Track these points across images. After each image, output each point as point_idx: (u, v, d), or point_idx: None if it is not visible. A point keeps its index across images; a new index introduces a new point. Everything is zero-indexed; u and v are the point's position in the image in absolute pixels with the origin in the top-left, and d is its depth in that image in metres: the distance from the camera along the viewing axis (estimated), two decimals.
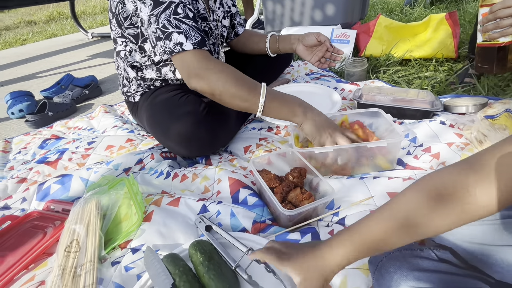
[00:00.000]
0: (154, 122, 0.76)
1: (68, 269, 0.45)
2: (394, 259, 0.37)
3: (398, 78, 1.11)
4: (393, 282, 0.35)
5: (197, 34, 0.66)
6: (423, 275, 0.34)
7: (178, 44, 0.65)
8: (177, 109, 0.71)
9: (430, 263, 0.36)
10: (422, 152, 0.67)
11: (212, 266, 0.43)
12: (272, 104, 0.66)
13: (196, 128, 0.69)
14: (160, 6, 0.64)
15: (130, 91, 0.87)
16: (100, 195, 0.61)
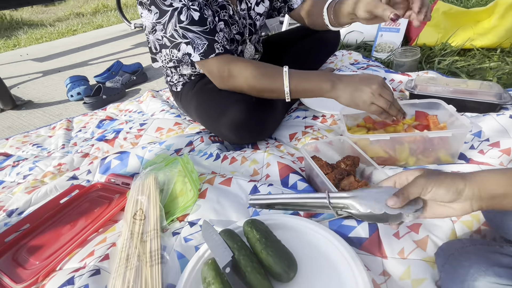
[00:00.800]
0: (204, 110, 0.78)
1: (136, 234, 0.49)
2: (469, 253, 0.36)
3: (456, 68, 1.02)
4: (469, 276, 0.33)
5: (204, 41, 0.64)
6: (504, 271, 0.32)
7: (187, 55, 0.66)
8: (228, 98, 0.72)
9: (511, 260, 0.33)
10: (489, 147, 0.62)
11: (269, 243, 0.44)
12: (298, 88, 0.65)
13: (247, 116, 0.69)
14: (166, 14, 0.63)
15: (172, 81, 0.89)
16: (157, 171, 0.65)
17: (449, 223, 0.46)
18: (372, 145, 0.65)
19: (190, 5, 0.64)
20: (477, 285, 0.32)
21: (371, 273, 0.42)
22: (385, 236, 0.45)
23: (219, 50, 0.66)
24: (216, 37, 0.67)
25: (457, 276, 0.34)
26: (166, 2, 0.62)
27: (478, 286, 0.32)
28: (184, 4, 0.63)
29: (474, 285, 0.32)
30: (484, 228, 0.45)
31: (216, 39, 0.66)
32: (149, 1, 0.63)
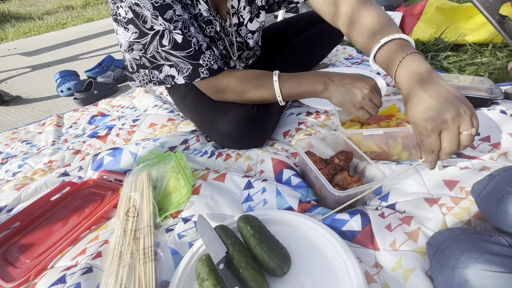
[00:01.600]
0: (200, 115, 0.76)
1: (129, 231, 0.49)
2: (460, 241, 0.36)
3: (449, 64, 1.03)
4: (460, 263, 0.33)
5: (188, 65, 0.62)
6: (495, 259, 0.32)
7: (170, 77, 0.64)
8: (228, 111, 0.69)
9: (501, 249, 0.34)
10: (479, 141, 0.63)
11: (263, 238, 0.44)
12: (290, 93, 0.64)
13: (250, 128, 0.68)
14: (146, 36, 0.58)
15: None
16: (150, 167, 0.65)
17: (440, 216, 0.46)
18: (366, 140, 0.65)
19: (172, 28, 0.58)
20: (468, 273, 0.33)
21: (364, 265, 0.43)
22: (377, 229, 0.46)
23: (204, 74, 0.63)
24: (201, 59, 0.62)
25: (448, 264, 0.35)
26: (147, 25, 0.57)
27: (469, 273, 0.33)
28: (166, 27, 0.58)
29: (465, 273, 0.33)
30: (474, 220, 0.45)
31: (201, 63, 0.63)
32: (125, 19, 0.58)
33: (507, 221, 0.37)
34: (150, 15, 0.56)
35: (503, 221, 0.37)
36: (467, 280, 0.33)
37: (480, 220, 0.45)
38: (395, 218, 0.47)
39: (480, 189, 0.41)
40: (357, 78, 0.60)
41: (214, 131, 0.73)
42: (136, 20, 0.57)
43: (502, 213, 0.37)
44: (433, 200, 0.49)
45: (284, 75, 0.65)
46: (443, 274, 0.35)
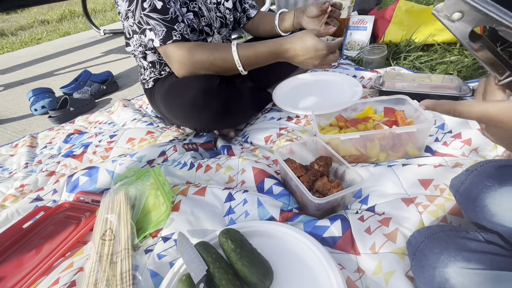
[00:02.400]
0: (168, 98, 0.78)
1: (105, 256, 0.47)
2: (439, 240, 0.36)
3: (421, 64, 1.06)
4: (440, 262, 0.34)
5: (162, 27, 0.69)
6: (472, 256, 0.33)
7: (150, 40, 0.72)
8: (192, 82, 0.74)
9: (478, 245, 0.34)
10: (451, 138, 0.65)
11: (244, 253, 0.43)
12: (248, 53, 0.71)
13: (209, 96, 0.71)
14: (133, 2, 0.68)
15: (145, 78, 0.91)
16: (127, 186, 0.63)
17: (417, 215, 0.47)
18: (344, 144, 0.66)
19: None
20: (447, 271, 0.33)
21: (346, 272, 0.43)
22: (357, 233, 0.46)
23: (177, 37, 0.71)
24: (176, 26, 0.71)
25: (429, 263, 0.35)
26: None
27: (449, 272, 0.33)
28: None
29: (445, 272, 0.33)
30: (449, 216, 0.46)
31: (175, 27, 0.71)
32: None
33: (485, 216, 0.37)
34: None
35: (482, 216, 0.37)
36: (447, 278, 0.33)
37: (454, 216, 0.46)
38: (374, 220, 0.48)
39: (458, 184, 0.41)
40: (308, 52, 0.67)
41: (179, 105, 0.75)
42: None
43: (481, 208, 0.37)
44: (409, 199, 0.50)
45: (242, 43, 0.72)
46: (424, 273, 0.35)
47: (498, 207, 0.35)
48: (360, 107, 0.79)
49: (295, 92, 0.98)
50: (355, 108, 0.79)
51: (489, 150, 0.60)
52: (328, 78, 1.02)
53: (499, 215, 0.35)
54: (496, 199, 0.35)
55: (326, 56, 0.67)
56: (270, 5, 1.92)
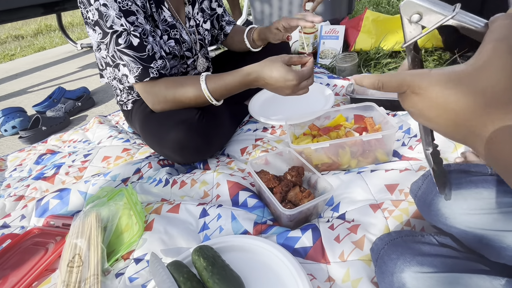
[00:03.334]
0: (148, 132, 0.76)
1: (72, 285, 0.45)
2: (396, 246, 0.38)
3: (389, 70, 1.12)
4: (396, 268, 0.35)
5: (138, 65, 0.67)
6: (425, 260, 0.34)
7: (124, 76, 0.69)
8: (171, 117, 0.71)
9: (431, 248, 0.36)
10: (416, 142, 0.68)
11: (216, 270, 0.43)
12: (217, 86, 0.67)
13: (191, 136, 0.68)
14: (107, 36, 0.66)
15: (122, 100, 0.88)
16: (99, 207, 0.61)
17: (383, 220, 0.49)
18: (317, 152, 0.68)
19: (131, 30, 0.66)
20: (403, 276, 0.34)
21: (317, 281, 0.43)
22: (327, 242, 0.47)
23: (154, 74, 0.69)
24: (152, 63, 0.69)
25: (388, 269, 0.36)
26: (107, 24, 0.64)
27: (405, 277, 0.34)
28: (125, 29, 0.65)
29: (402, 277, 0.34)
30: (412, 220, 0.48)
31: (151, 65, 0.68)
32: (93, 22, 0.66)
33: (440, 218, 0.39)
34: (114, 15, 0.63)
35: (437, 219, 0.40)
36: (404, 283, 0.34)
37: (417, 219, 0.48)
38: (344, 228, 0.49)
39: (416, 189, 0.44)
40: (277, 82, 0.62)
41: (160, 145, 0.73)
42: (101, 21, 0.64)
43: (435, 211, 0.39)
44: (377, 205, 0.52)
45: (211, 75, 0.69)
46: (384, 279, 0.37)
47: (450, 210, 0.37)
48: (332, 115, 0.81)
49: (271, 102, 0.99)
50: (328, 116, 0.82)
51: (450, 152, 0.64)
52: None
53: (451, 218, 0.37)
54: (448, 203, 0.37)
55: (297, 85, 0.62)
56: (247, 16, 1.96)
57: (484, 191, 0.36)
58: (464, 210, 0.36)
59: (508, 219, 0.33)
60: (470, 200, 0.36)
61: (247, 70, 0.66)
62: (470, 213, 0.36)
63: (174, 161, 0.79)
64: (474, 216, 0.35)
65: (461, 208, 0.36)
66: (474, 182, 0.37)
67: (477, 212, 0.35)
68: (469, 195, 0.36)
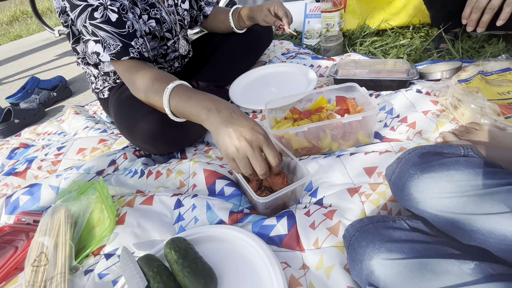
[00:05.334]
0: (120, 121, 0.72)
1: (38, 284, 0.43)
2: (366, 232, 0.37)
3: (375, 49, 1.08)
4: (366, 255, 0.34)
5: (117, 42, 0.60)
6: (394, 246, 0.34)
7: (95, 54, 0.62)
8: (144, 106, 0.66)
9: (402, 233, 0.35)
10: (398, 123, 0.66)
11: (186, 263, 0.42)
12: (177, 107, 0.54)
13: (163, 126, 0.64)
14: (76, 9, 0.59)
15: (98, 87, 0.84)
16: (69, 202, 0.58)
17: (359, 204, 0.47)
18: (298, 136, 0.65)
19: (108, 5, 0.60)
20: (372, 264, 0.34)
21: (291, 270, 0.42)
22: (302, 229, 0.46)
23: (134, 54, 0.62)
24: (134, 42, 0.63)
25: (358, 257, 0.35)
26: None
27: (373, 264, 0.34)
28: (101, 3, 0.59)
29: (370, 264, 0.34)
30: (389, 203, 0.47)
31: (132, 44, 0.63)
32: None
33: (412, 203, 0.38)
34: None
35: (409, 203, 0.39)
36: (372, 270, 0.33)
37: (394, 203, 0.47)
38: (320, 214, 0.48)
39: (390, 173, 0.43)
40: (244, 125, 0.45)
41: (132, 135, 0.68)
42: None
43: (407, 196, 0.38)
44: (354, 189, 0.51)
45: (183, 87, 0.55)
46: (354, 266, 0.36)
47: (421, 195, 0.36)
48: (314, 97, 0.78)
49: (252, 87, 0.96)
50: (310, 98, 0.79)
51: (431, 132, 0.62)
52: (284, 69, 1.01)
53: (423, 202, 0.36)
54: (419, 187, 0.36)
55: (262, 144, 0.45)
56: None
57: (455, 173, 0.35)
58: (435, 193, 0.35)
59: (478, 202, 0.32)
60: (441, 183, 0.35)
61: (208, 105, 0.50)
62: (441, 196, 0.35)
63: (148, 152, 0.76)
64: (445, 200, 0.34)
65: (432, 192, 0.35)
66: (446, 165, 0.36)
67: (448, 195, 0.34)
68: (440, 178, 0.35)
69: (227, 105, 0.49)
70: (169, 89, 0.55)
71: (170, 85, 0.55)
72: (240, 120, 0.46)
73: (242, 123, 0.45)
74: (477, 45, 0.92)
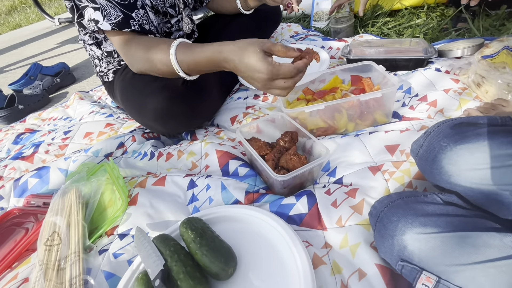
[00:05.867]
0: (128, 99, 0.70)
1: (52, 263, 0.42)
2: (397, 207, 0.35)
3: (388, 29, 1.04)
4: (398, 231, 0.33)
5: (118, 12, 0.58)
6: (429, 220, 0.32)
7: (93, 21, 0.59)
8: (152, 83, 0.64)
9: (435, 207, 0.34)
10: (418, 102, 0.64)
11: (204, 241, 0.40)
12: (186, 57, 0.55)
13: (173, 103, 0.62)
14: None
15: (102, 70, 0.81)
16: (79, 183, 0.57)
17: (383, 182, 0.45)
18: (312, 117, 0.63)
19: None
20: (405, 239, 0.32)
21: (313, 248, 0.41)
22: (323, 208, 0.44)
23: (135, 27, 0.60)
24: (134, 13, 0.61)
25: (388, 233, 0.34)
26: None
27: (406, 239, 0.32)
28: None
29: (403, 239, 0.32)
30: (415, 181, 0.45)
31: (133, 15, 0.60)
32: None
33: (443, 177, 0.36)
34: None
35: (440, 178, 0.37)
36: (405, 245, 0.32)
37: (420, 180, 0.45)
38: (341, 192, 0.46)
39: (418, 148, 0.40)
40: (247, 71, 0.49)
41: (140, 114, 0.67)
42: None
43: (438, 170, 0.36)
44: (376, 167, 0.48)
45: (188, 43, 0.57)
46: (384, 243, 0.34)
47: (454, 167, 0.34)
48: (328, 78, 0.75)
49: None
50: (323, 79, 0.76)
51: (453, 110, 0.59)
52: None
53: (455, 175, 0.34)
54: (452, 159, 0.34)
55: (271, 81, 0.47)
56: None
57: (493, 143, 0.32)
58: (470, 165, 0.33)
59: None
60: (477, 154, 0.33)
61: (218, 47, 0.52)
62: (476, 168, 0.32)
63: (157, 132, 0.74)
64: (481, 171, 0.32)
65: (467, 164, 0.33)
66: (482, 135, 0.33)
67: (484, 166, 0.32)
68: (476, 149, 0.33)
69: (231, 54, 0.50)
70: (175, 44, 0.56)
71: (174, 43, 0.56)
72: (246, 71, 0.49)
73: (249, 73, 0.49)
74: (497, 23, 0.87)
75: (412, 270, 0.31)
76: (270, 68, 0.46)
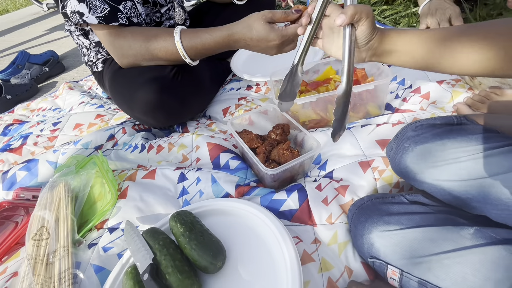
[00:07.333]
0: (117, 91, 0.68)
1: (40, 257, 0.42)
2: (365, 209, 0.37)
3: (384, 18, 1.01)
4: (365, 230, 0.35)
5: (105, 4, 0.56)
6: (392, 218, 0.34)
7: (77, 13, 0.57)
8: (142, 74, 0.63)
9: (400, 207, 0.36)
10: (411, 94, 0.63)
11: (193, 236, 0.40)
12: (192, 42, 0.57)
13: (163, 96, 0.61)
14: None
15: (91, 60, 0.78)
16: (68, 176, 0.56)
17: (372, 182, 0.46)
18: (304, 108, 0.62)
19: None
20: (372, 237, 0.34)
21: (303, 244, 0.41)
22: (314, 204, 0.44)
23: (123, 20, 0.59)
24: (122, 6, 0.59)
25: (358, 232, 0.36)
26: None
27: (372, 237, 0.34)
28: None
29: (370, 238, 0.34)
30: (402, 181, 0.46)
31: (121, 8, 0.59)
32: None
33: (410, 175, 0.38)
34: None
35: (408, 177, 0.38)
36: (372, 243, 0.34)
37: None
38: (331, 189, 0.46)
39: (389, 150, 0.42)
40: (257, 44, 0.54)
41: (129, 106, 0.65)
42: None
43: (405, 169, 0.38)
44: (367, 163, 0.48)
45: (188, 29, 0.59)
46: (357, 242, 0.36)
47: (417, 166, 0.36)
48: (322, 68, 0.74)
49: (255, 58, 0.90)
50: (316, 70, 0.74)
51: (446, 102, 0.59)
52: None
53: (420, 173, 0.36)
54: (414, 159, 0.36)
55: (281, 45, 0.53)
56: None
57: (448, 142, 0.35)
58: (430, 163, 0.35)
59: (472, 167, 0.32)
60: (434, 153, 0.35)
61: (227, 30, 0.55)
62: (435, 165, 0.34)
63: (147, 124, 0.73)
64: (440, 168, 0.34)
65: (426, 162, 0.35)
66: (439, 135, 0.36)
67: (442, 163, 0.34)
68: (434, 148, 0.35)
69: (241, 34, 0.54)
70: (178, 31, 0.57)
71: (177, 29, 0.57)
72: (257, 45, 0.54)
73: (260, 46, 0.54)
74: (494, 12, 0.86)
75: (381, 265, 0.33)
76: (279, 34, 0.51)
